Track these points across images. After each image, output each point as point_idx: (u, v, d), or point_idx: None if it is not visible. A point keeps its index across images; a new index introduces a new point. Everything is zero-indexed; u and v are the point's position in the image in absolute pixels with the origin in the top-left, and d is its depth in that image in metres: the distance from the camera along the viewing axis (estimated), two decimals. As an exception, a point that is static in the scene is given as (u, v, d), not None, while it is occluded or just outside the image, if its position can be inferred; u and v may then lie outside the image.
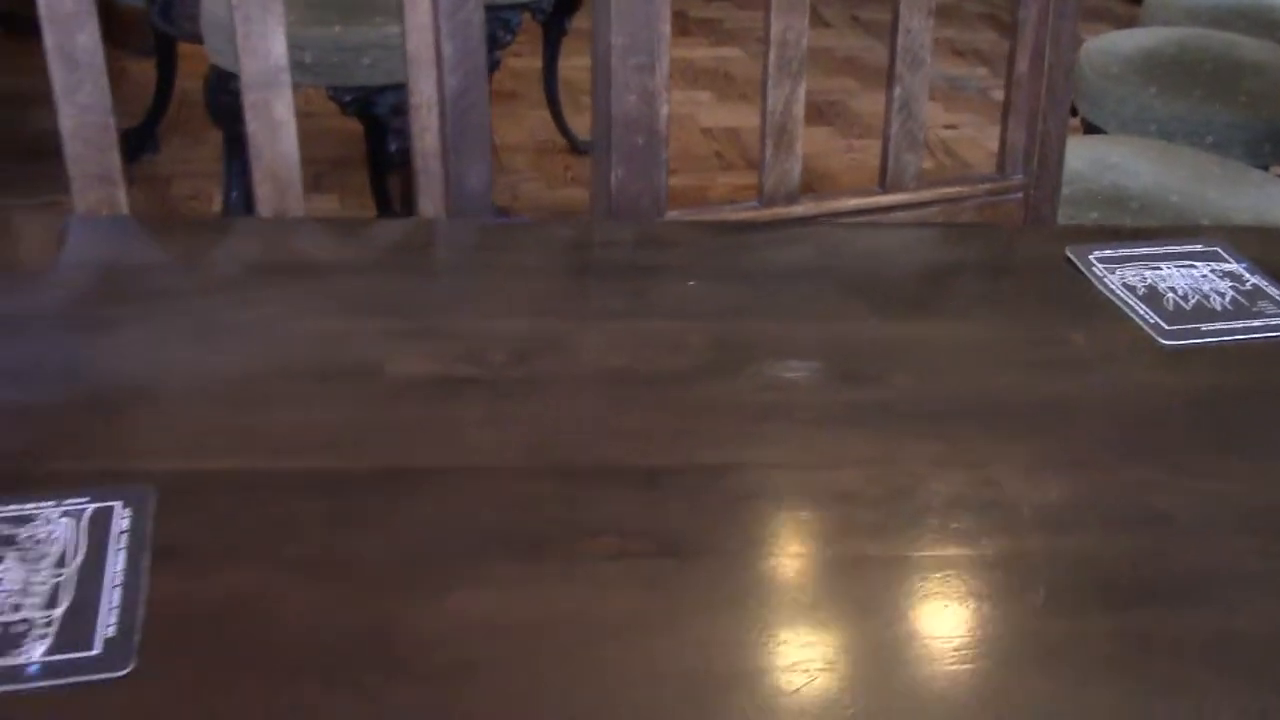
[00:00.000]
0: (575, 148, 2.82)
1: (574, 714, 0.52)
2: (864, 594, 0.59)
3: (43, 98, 3.09)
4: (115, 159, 1.01)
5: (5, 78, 3.08)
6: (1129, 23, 3.78)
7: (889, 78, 1.22)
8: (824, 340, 0.78)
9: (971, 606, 0.59)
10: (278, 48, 1.04)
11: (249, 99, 1.04)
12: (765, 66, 1.17)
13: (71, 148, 0.99)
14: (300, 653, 0.53)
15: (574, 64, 3.05)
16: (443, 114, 1.10)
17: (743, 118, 3.07)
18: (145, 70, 2.66)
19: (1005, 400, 0.73)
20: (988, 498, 0.66)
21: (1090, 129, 2.09)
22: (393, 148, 2.31)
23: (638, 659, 0.55)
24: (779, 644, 0.56)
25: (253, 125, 1.05)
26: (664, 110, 1.12)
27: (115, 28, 2.35)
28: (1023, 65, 1.24)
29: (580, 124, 2.91)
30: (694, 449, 0.68)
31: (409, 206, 2.18)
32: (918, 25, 1.20)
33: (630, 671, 0.54)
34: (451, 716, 0.51)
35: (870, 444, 0.69)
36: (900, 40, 1.20)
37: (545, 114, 2.85)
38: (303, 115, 2.47)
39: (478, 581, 0.58)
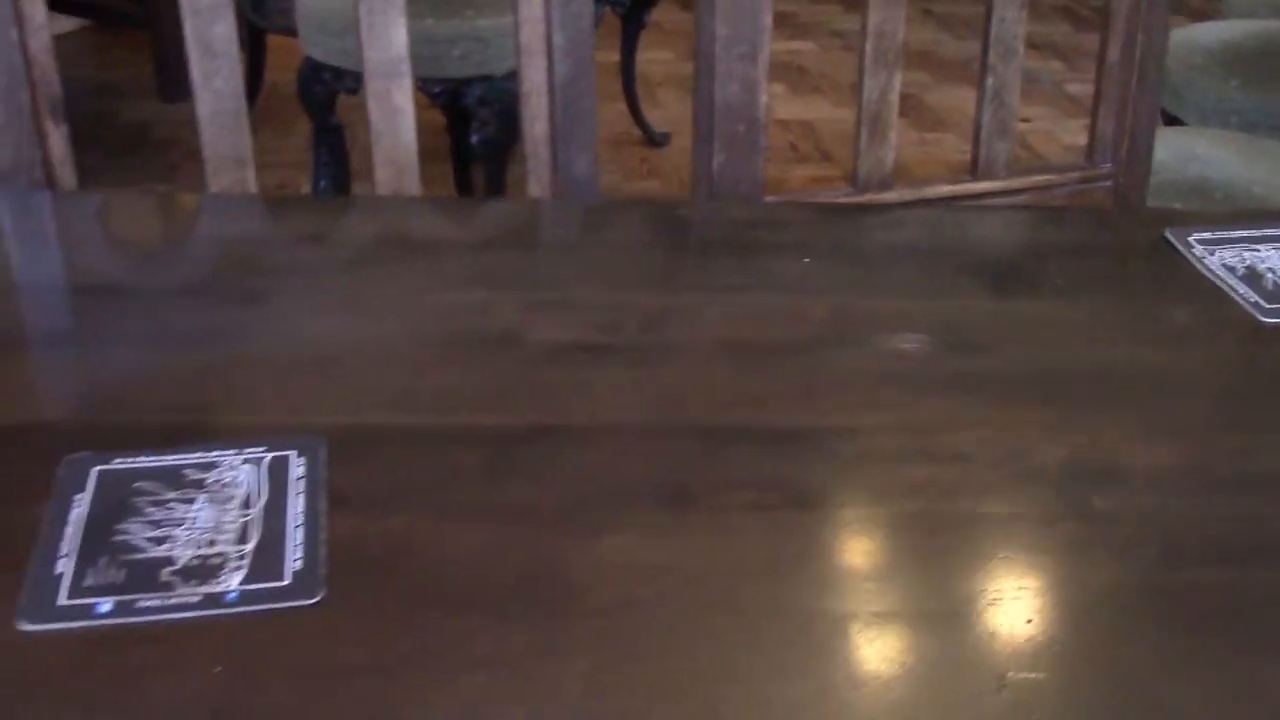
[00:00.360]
0: (651, 140, 2.87)
1: (714, 647, 0.56)
2: (978, 547, 0.63)
3: (132, 89, 3.21)
4: (247, 142, 1.06)
5: (97, 70, 3.18)
6: (1204, 16, 3.76)
7: (981, 68, 1.25)
8: (935, 314, 0.82)
9: (1083, 560, 0.62)
10: (399, 39, 1.09)
11: (371, 87, 1.09)
12: (861, 57, 1.21)
13: (207, 132, 1.05)
14: (470, 587, 0.58)
15: (650, 58, 3.10)
16: (552, 102, 1.14)
17: (816, 110, 3.10)
18: (236, 63, 2.73)
19: (1112, 371, 0.77)
20: (1098, 461, 0.69)
21: (1171, 120, 2.10)
22: (475, 139, 2.37)
23: (768, 598, 0.59)
24: (899, 589, 0.60)
25: (374, 113, 1.10)
26: (763, 99, 1.16)
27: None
28: (1114, 55, 1.26)
29: (656, 117, 2.95)
30: (817, 412, 0.72)
31: (492, 196, 2.23)
32: (1011, 16, 1.23)
33: (763, 609, 0.58)
34: (610, 647, 0.56)
35: (984, 410, 0.73)
36: (994, 30, 1.23)
37: (622, 107, 2.89)
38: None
39: (626, 528, 0.62)
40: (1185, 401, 0.75)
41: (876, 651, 0.57)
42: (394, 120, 1.11)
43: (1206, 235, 0.93)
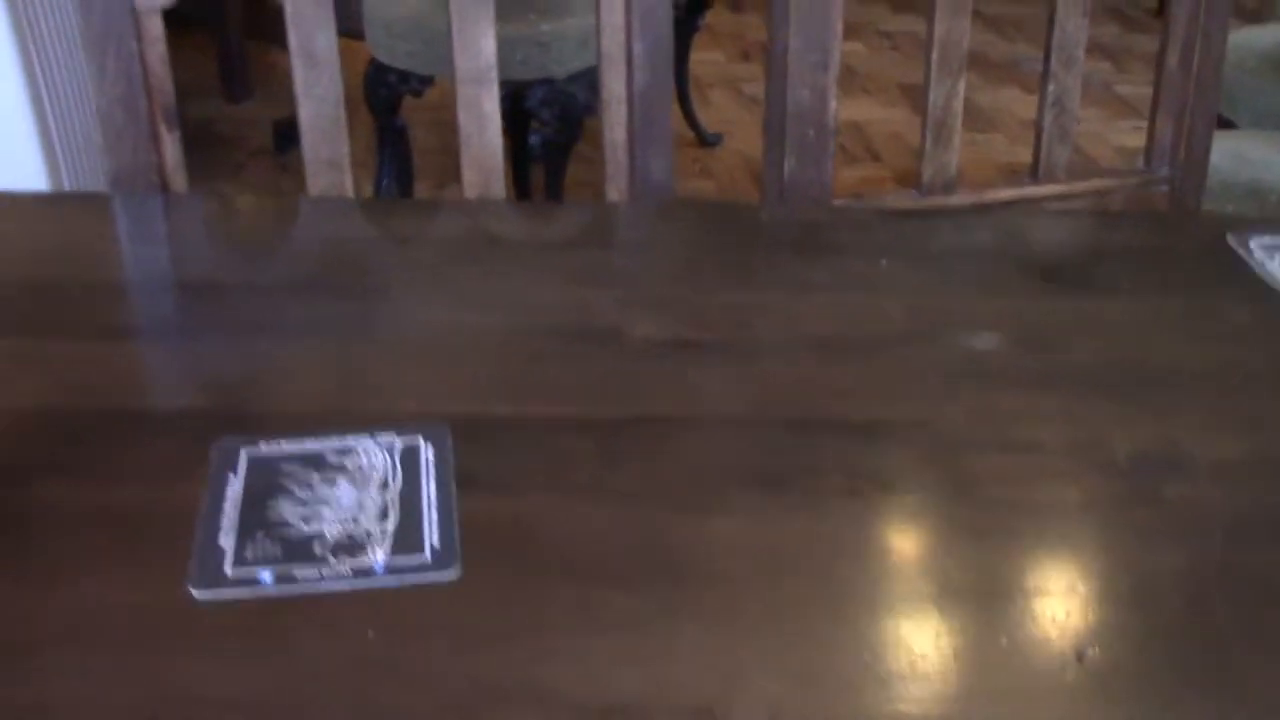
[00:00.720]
0: (704, 141, 2.92)
1: (810, 618, 0.61)
2: (1053, 531, 0.68)
3: (197, 89, 3.28)
4: (345, 147, 1.12)
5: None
6: (1258, 17, 3.77)
7: (1043, 75, 1.29)
8: (1007, 313, 0.86)
9: (1154, 545, 0.67)
10: (488, 47, 1.15)
11: (461, 94, 1.15)
12: (928, 65, 1.25)
13: (308, 137, 1.11)
14: (591, 562, 0.63)
15: (700, 58, 3.15)
16: (630, 109, 1.20)
17: (865, 111, 3.14)
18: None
19: (1179, 367, 0.81)
20: (1167, 451, 0.74)
21: (1224, 123, 2.13)
22: (534, 140, 2.43)
23: (858, 575, 0.64)
24: (978, 569, 0.65)
25: (463, 118, 1.15)
26: (833, 105, 1.21)
27: (267, 23, 2.50)
28: (1173, 59, 1.30)
29: (707, 117, 3.00)
30: (899, 404, 0.77)
31: (550, 198, 2.28)
32: (1073, 26, 1.27)
33: (854, 585, 0.63)
34: (717, 616, 0.61)
35: (1056, 403, 0.78)
36: (1055, 38, 1.27)
37: (674, 108, 2.94)
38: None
39: (729, 510, 0.67)
40: (1250, 396, 0.79)
41: (959, 627, 0.62)
42: (482, 125, 1.17)
43: (1267, 240, 0.97)
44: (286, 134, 2.78)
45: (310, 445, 0.70)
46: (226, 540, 0.63)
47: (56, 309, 0.83)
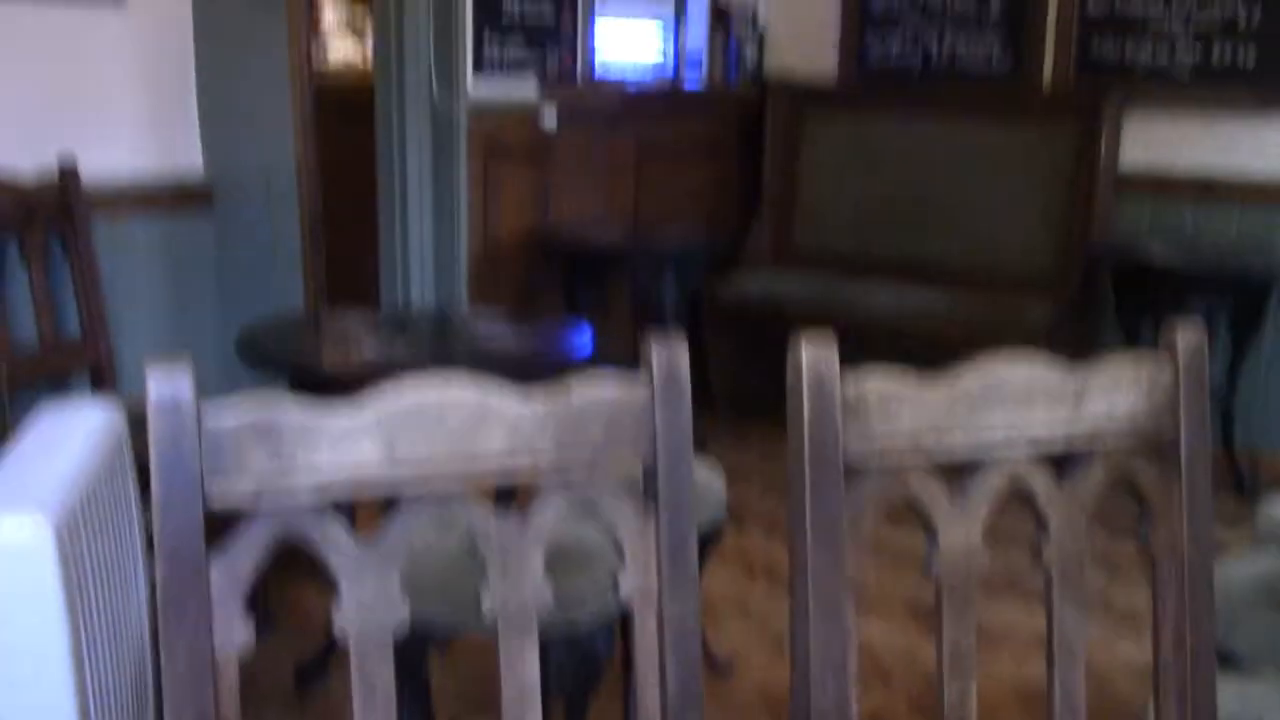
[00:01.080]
0: (713, 666, 2.95)
1: None
2: None
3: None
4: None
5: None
6: (1237, 518, 3.92)
7: (1048, 666, 1.35)
8: None
9: None
10: (532, 597, 1.21)
11: (503, 644, 1.18)
12: (938, 599, 1.29)
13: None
14: None
15: (708, 580, 3.26)
16: (663, 678, 1.25)
17: (869, 628, 3.20)
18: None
19: None
20: None
21: (1222, 656, 2.18)
22: (555, 683, 2.46)
23: None
24: None
25: (504, 665, 1.19)
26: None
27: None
28: (1167, 652, 1.37)
29: (716, 638, 3.06)
30: None
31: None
32: (1071, 618, 1.35)
33: None
34: None
35: None
36: (1055, 633, 1.34)
37: (686, 629, 3.00)
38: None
39: None
40: None
41: None
42: (520, 671, 1.20)
43: None
44: (308, 675, 2.81)
45: None
46: None
47: None
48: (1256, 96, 4.26)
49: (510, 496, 1.42)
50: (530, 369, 2.61)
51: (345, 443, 1.09)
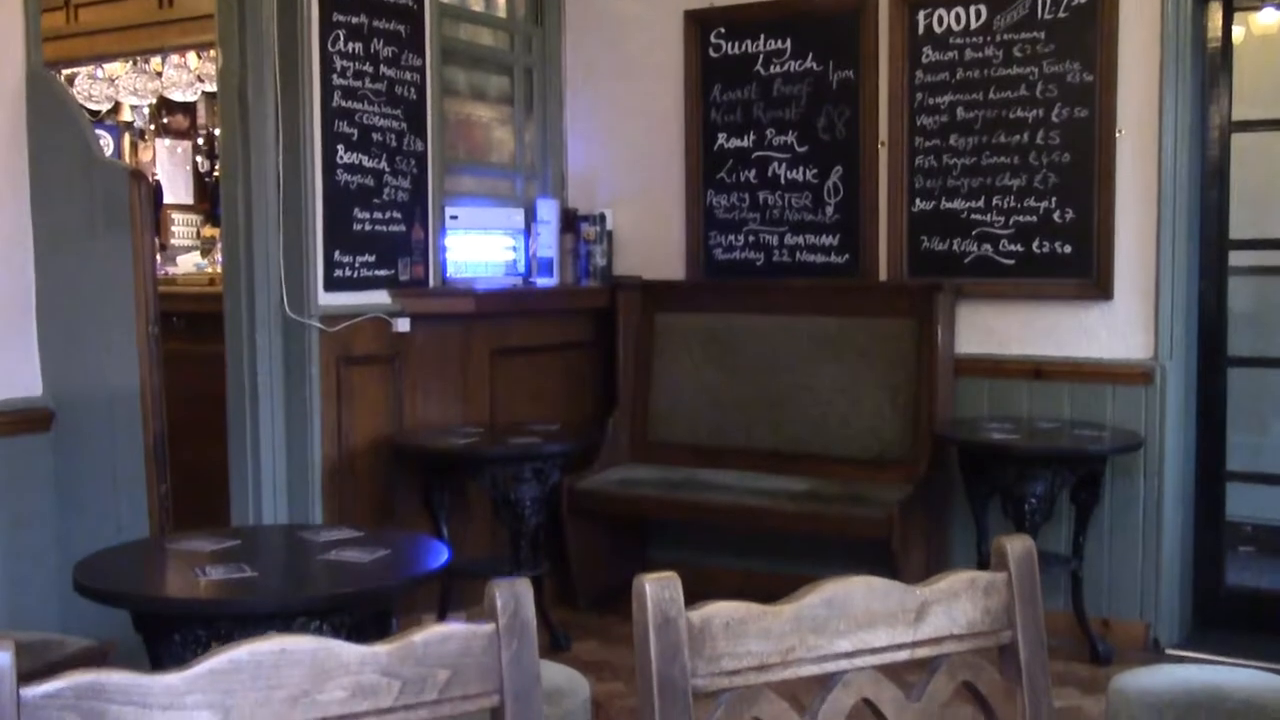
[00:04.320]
0: None
1: None
2: None
3: None
4: None
5: None
6: (1093, 686, 4.00)
7: None
8: None
9: None
10: None
11: None
12: None
13: None
14: None
15: (604, 690, 3.18)
16: None
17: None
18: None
19: None
20: None
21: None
22: None
23: None
24: None
25: None
26: None
27: None
28: None
29: None
30: None
31: None
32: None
33: None
34: None
35: None
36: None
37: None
38: None
39: None
40: None
41: None
42: None
43: None
44: None
45: None
46: None
47: None
48: (1075, 286, 4.53)
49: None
50: (383, 583, 2.56)
51: (177, 708, 1.06)
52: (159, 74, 6.64)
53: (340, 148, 4.17)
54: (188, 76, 6.57)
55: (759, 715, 1.26)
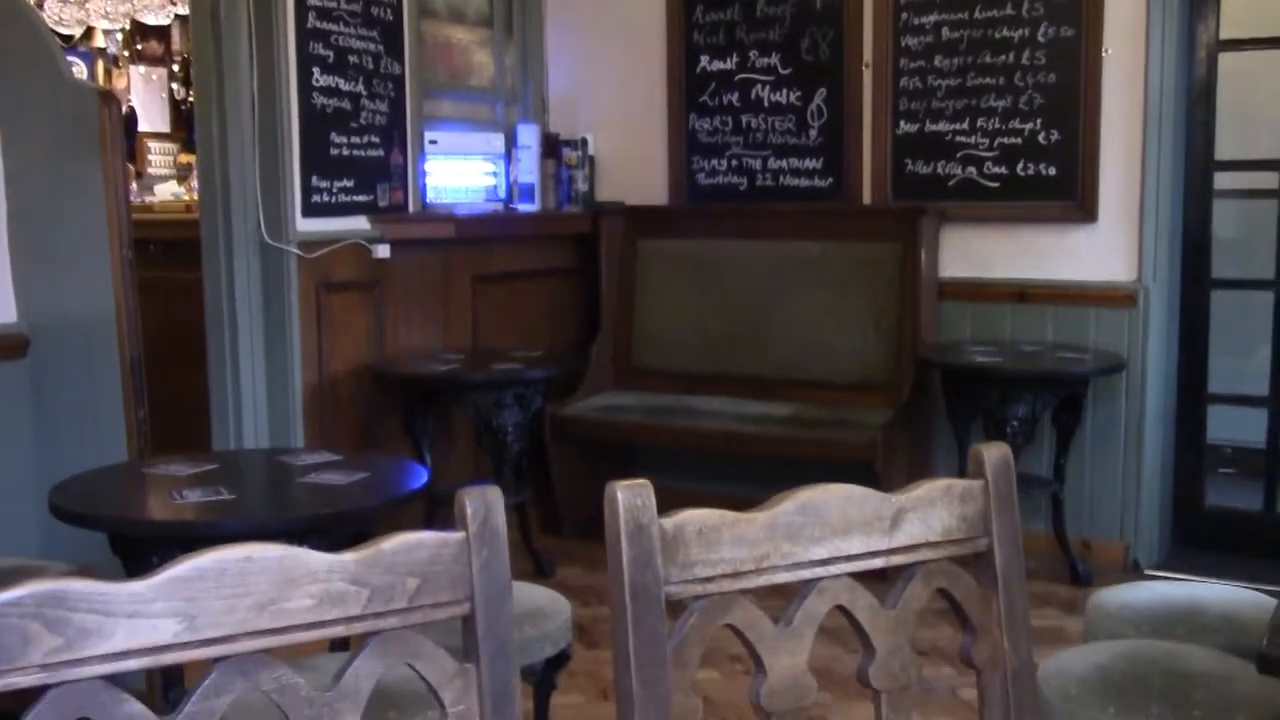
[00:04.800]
0: (571, 797, 2.88)
1: None
2: None
3: None
4: None
5: None
6: (1072, 606, 4.03)
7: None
8: None
9: None
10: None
11: None
12: None
13: None
14: None
15: (561, 702, 3.21)
16: None
17: (728, 744, 3.18)
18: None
19: None
20: None
21: (1062, 745, 2.22)
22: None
23: None
24: None
25: None
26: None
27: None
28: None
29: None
30: None
31: None
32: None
33: None
34: None
35: None
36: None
37: (539, 766, 2.94)
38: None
39: None
40: None
41: None
42: None
43: None
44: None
45: None
46: None
47: None
48: (1059, 209, 4.50)
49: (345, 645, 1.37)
50: (362, 505, 2.55)
51: (141, 615, 1.04)
52: (131, -3, 6.52)
53: (316, 70, 4.10)
54: (160, -1, 6.45)
55: (733, 622, 1.25)
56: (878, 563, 1.32)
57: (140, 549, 2.33)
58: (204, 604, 1.06)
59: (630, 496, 1.19)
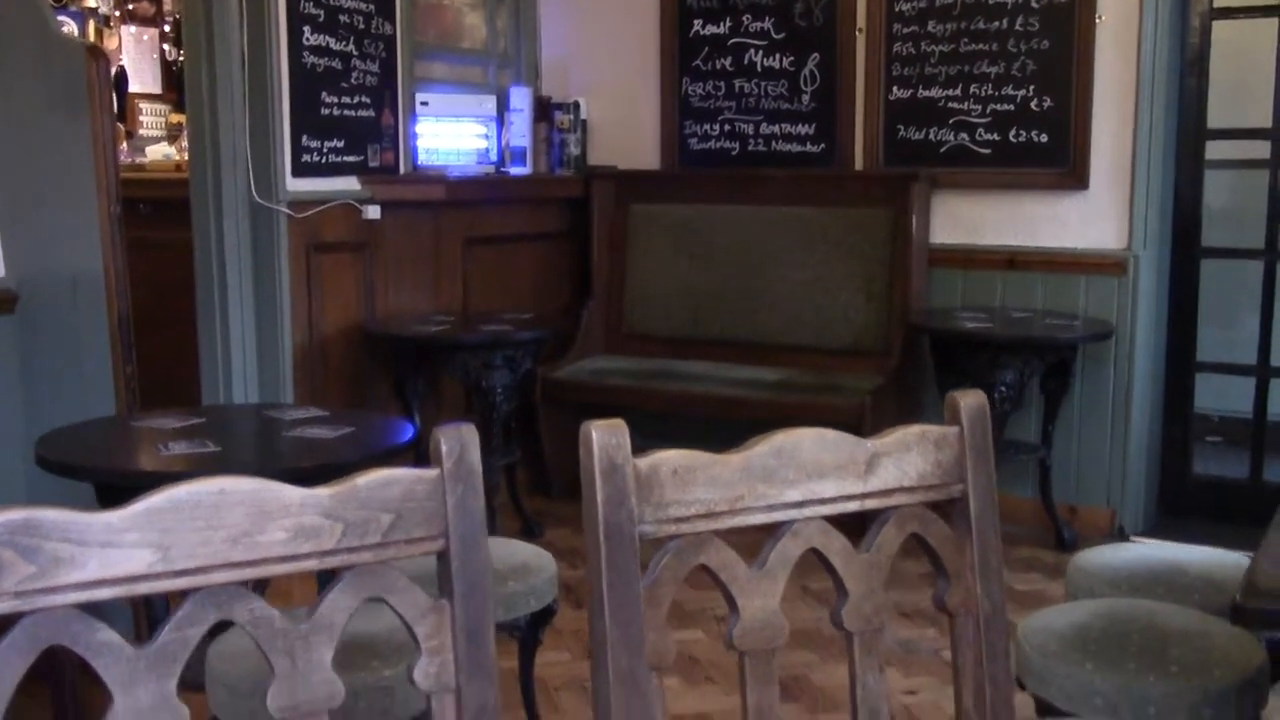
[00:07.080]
0: (557, 755, 2.90)
1: None
2: None
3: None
4: None
5: None
6: (1057, 571, 4.05)
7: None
8: None
9: None
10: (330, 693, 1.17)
11: None
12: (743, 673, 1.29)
13: None
14: None
15: (547, 659, 3.23)
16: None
17: (712, 701, 3.20)
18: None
19: None
20: None
21: (1041, 705, 2.24)
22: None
23: None
24: None
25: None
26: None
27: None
28: (968, 705, 1.40)
29: (551, 717, 3.02)
30: None
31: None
32: (872, 680, 1.37)
33: None
34: None
35: None
36: (859, 696, 1.36)
37: (523, 715, 2.96)
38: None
39: None
40: None
41: None
42: None
43: None
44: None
45: None
46: None
47: None
48: (1051, 176, 4.50)
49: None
50: (348, 458, 2.56)
51: (114, 545, 1.05)
52: (122, -44, 6.48)
53: (306, 29, 4.08)
54: (152, -41, 6.41)
55: (706, 563, 1.26)
56: (852, 506, 1.33)
57: (125, 500, 2.33)
58: (178, 535, 1.07)
59: (605, 436, 1.20)
